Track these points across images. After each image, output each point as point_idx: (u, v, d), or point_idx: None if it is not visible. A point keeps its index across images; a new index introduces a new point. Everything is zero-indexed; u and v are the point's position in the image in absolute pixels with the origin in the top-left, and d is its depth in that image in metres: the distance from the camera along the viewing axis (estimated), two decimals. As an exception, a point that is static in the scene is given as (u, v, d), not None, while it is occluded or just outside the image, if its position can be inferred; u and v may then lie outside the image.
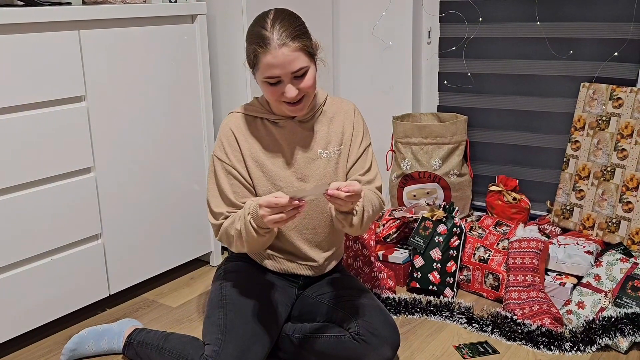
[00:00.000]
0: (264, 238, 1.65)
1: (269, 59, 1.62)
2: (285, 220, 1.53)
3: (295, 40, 1.63)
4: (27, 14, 1.85)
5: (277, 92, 1.67)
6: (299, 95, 1.67)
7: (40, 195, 1.97)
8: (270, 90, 1.68)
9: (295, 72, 1.64)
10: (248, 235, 1.64)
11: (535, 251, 2.21)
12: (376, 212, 1.78)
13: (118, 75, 2.14)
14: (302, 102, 1.71)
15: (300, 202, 1.51)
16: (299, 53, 1.63)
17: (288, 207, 1.51)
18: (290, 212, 1.52)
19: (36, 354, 2.02)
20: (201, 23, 2.38)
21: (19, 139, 1.89)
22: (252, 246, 1.69)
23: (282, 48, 1.61)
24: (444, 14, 2.82)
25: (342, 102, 1.89)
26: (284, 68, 1.63)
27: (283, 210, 1.51)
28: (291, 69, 1.63)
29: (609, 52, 2.48)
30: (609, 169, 2.40)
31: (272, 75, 1.64)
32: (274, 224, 1.54)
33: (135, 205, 2.27)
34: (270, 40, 1.61)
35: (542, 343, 1.95)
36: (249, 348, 1.68)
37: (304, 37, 1.66)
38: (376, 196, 1.80)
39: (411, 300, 2.22)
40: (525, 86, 2.70)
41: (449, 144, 2.69)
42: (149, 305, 2.33)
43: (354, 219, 1.66)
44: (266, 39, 1.62)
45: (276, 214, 1.52)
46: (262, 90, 1.72)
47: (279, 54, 1.61)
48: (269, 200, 1.51)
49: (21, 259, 1.96)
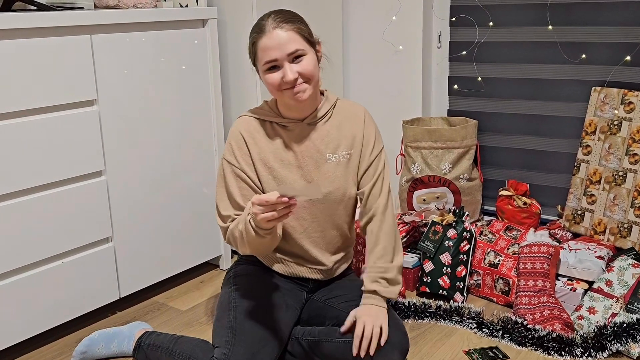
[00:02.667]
0: (264, 240, 1.64)
1: (265, 41, 1.67)
2: (278, 218, 1.52)
3: (289, 23, 1.68)
4: (39, 19, 1.87)
5: (278, 79, 1.69)
6: (299, 79, 1.69)
7: (51, 199, 1.98)
8: (271, 78, 1.70)
9: (292, 53, 1.67)
10: (248, 236, 1.64)
11: (545, 256, 2.20)
12: (395, 231, 1.83)
13: (129, 79, 2.15)
14: (304, 87, 1.70)
15: (291, 201, 1.51)
16: (294, 34, 1.67)
17: (279, 205, 1.51)
18: (282, 210, 1.52)
19: (47, 356, 2.03)
20: (212, 27, 2.39)
21: (30, 142, 1.91)
22: (254, 247, 1.69)
23: (276, 30, 1.67)
24: (454, 18, 2.82)
25: (352, 105, 1.89)
26: (280, 49, 1.66)
27: (274, 208, 1.51)
28: (287, 50, 1.66)
29: (621, 56, 2.47)
30: (620, 174, 2.38)
31: (270, 58, 1.67)
32: (266, 222, 1.53)
33: (146, 209, 2.28)
34: (266, 25, 1.68)
35: (553, 349, 1.94)
36: (258, 351, 1.68)
37: (299, 22, 1.71)
38: (388, 227, 1.82)
39: (421, 304, 2.21)
40: (536, 90, 2.69)
41: (459, 148, 2.69)
42: (159, 308, 2.34)
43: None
44: (262, 25, 1.69)
45: (268, 212, 1.52)
46: (266, 84, 1.73)
47: (274, 34, 1.66)
48: (260, 198, 1.51)
49: (32, 262, 1.97)
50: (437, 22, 2.87)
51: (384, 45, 2.91)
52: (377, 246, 1.79)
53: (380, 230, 1.80)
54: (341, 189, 1.82)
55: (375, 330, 1.67)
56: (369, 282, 1.76)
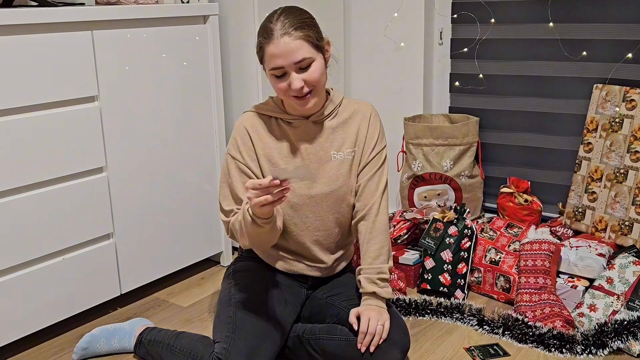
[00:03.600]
0: (262, 230, 1.64)
1: (272, 48, 1.64)
2: (271, 203, 1.51)
3: (298, 30, 1.64)
4: (40, 14, 1.87)
5: (284, 86, 1.68)
6: (305, 88, 1.68)
7: (52, 195, 1.98)
8: (277, 84, 1.69)
9: (299, 62, 1.64)
10: (246, 225, 1.64)
11: (546, 253, 2.20)
12: (388, 230, 1.83)
13: (130, 75, 2.15)
14: (309, 96, 1.70)
15: (283, 184, 1.50)
16: (302, 42, 1.64)
17: (272, 188, 1.50)
18: (276, 194, 1.51)
19: (48, 352, 2.03)
20: (213, 24, 2.39)
21: (31, 138, 1.91)
22: (253, 239, 1.69)
23: (284, 37, 1.63)
24: (456, 15, 2.81)
25: (359, 103, 1.88)
26: (287, 58, 1.63)
27: (268, 191, 1.51)
28: (294, 58, 1.64)
29: (622, 53, 2.46)
30: (621, 171, 2.38)
31: (276, 65, 1.65)
32: (260, 207, 1.53)
33: (147, 205, 2.28)
34: (274, 31, 1.64)
35: (554, 346, 1.94)
36: (258, 346, 1.68)
37: (308, 28, 1.66)
38: (378, 230, 1.81)
39: (422, 301, 2.21)
40: (538, 87, 2.69)
41: (460, 145, 2.68)
42: (159, 304, 2.34)
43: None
44: (270, 30, 1.65)
45: (261, 196, 1.51)
46: (272, 86, 1.72)
47: (281, 43, 1.62)
48: (253, 182, 1.51)
49: (33, 258, 1.97)
50: (439, 18, 2.87)
51: (386, 41, 2.91)
52: (372, 245, 1.79)
53: (374, 228, 1.80)
54: (345, 186, 1.82)
55: (379, 327, 1.68)
56: (367, 283, 1.76)
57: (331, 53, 1.78)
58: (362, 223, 1.82)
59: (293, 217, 1.82)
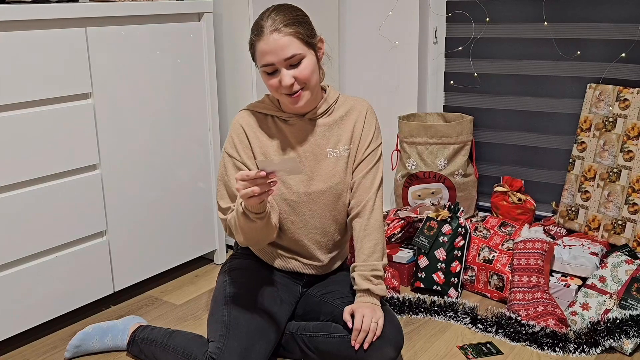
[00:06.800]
0: (255, 225, 1.64)
1: (262, 45, 1.64)
2: (259, 195, 1.50)
3: (288, 26, 1.64)
4: (34, 10, 1.86)
5: (275, 83, 1.68)
6: (296, 85, 1.67)
7: (45, 192, 1.98)
8: (269, 81, 1.69)
9: (289, 58, 1.64)
10: (239, 220, 1.64)
11: (540, 252, 2.20)
12: (382, 227, 1.83)
13: (124, 72, 2.14)
14: (301, 94, 1.70)
15: (270, 176, 1.50)
16: (292, 39, 1.64)
17: (259, 179, 1.50)
18: (263, 186, 1.51)
19: (41, 350, 2.03)
20: (207, 21, 2.38)
21: (25, 135, 1.90)
22: (247, 234, 1.69)
23: (274, 34, 1.63)
24: (450, 14, 2.82)
25: (356, 100, 1.88)
26: (277, 54, 1.63)
27: (255, 183, 1.50)
28: (283, 55, 1.64)
29: (616, 53, 2.47)
30: (615, 171, 2.39)
31: (267, 62, 1.65)
32: (248, 199, 1.52)
33: (141, 203, 2.27)
34: (264, 28, 1.64)
35: (547, 344, 1.95)
36: (252, 345, 1.68)
37: (298, 25, 1.66)
38: (373, 228, 1.81)
39: (415, 300, 2.22)
40: (532, 87, 2.70)
41: (455, 144, 2.69)
42: (153, 302, 2.34)
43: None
44: (260, 27, 1.65)
45: (249, 188, 1.51)
46: (264, 83, 1.72)
47: (271, 39, 1.63)
48: (242, 173, 1.51)
49: (26, 255, 1.96)
50: (434, 17, 2.87)
51: (380, 40, 2.91)
52: (367, 242, 1.79)
53: (369, 225, 1.80)
54: (342, 183, 1.82)
55: (373, 324, 1.68)
56: (361, 280, 1.76)
57: (325, 51, 1.78)
58: (357, 220, 1.82)
59: (290, 214, 1.82)
